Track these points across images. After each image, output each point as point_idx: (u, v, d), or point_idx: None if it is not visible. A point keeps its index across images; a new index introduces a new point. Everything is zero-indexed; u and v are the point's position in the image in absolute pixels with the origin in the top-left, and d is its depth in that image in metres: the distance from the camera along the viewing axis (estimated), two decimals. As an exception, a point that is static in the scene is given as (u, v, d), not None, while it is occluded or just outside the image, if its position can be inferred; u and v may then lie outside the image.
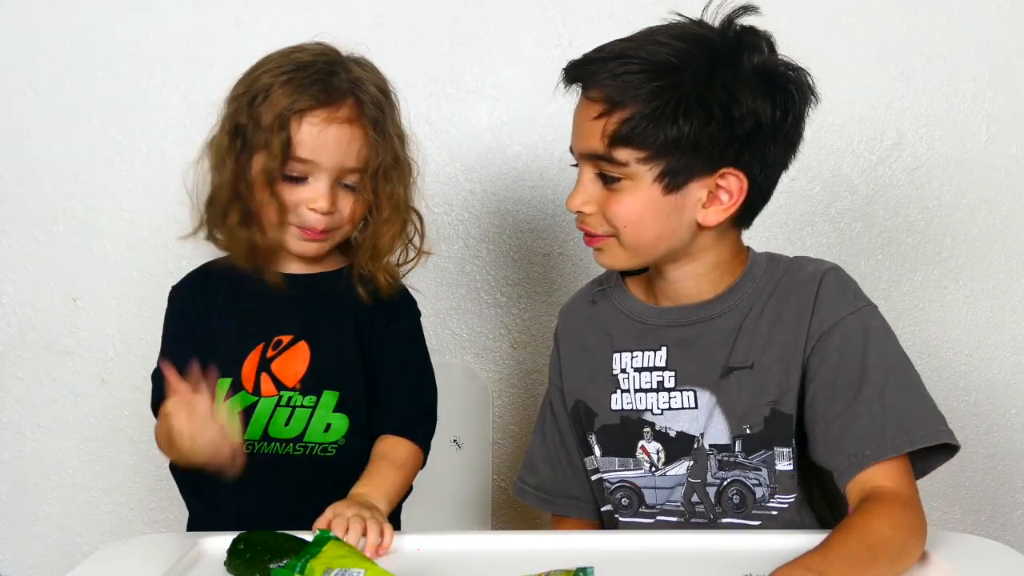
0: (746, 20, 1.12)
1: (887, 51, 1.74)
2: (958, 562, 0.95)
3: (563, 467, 1.27)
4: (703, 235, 1.15)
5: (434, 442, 1.33)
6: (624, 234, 1.12)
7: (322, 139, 1.20)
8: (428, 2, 1.73)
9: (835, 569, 0.90)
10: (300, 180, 1.21)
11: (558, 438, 1.28)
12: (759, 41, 1.11)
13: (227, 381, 1.24)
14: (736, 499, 1.14)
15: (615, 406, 1.21)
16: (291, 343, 1.26)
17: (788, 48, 1.14)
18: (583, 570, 0.85)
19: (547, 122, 1.75)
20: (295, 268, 1.30)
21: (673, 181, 1.09)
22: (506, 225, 1.78)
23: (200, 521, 1.33)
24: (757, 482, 1.14)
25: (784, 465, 1.13)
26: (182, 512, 1.51)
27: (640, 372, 1.19)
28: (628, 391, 1.20)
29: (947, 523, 1.81)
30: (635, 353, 1.20)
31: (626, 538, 1.10)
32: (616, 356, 1.21)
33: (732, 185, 1.11)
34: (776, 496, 1.14)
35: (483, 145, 1.76)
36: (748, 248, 1.21)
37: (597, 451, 1.23)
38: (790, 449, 1.12)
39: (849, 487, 1.05)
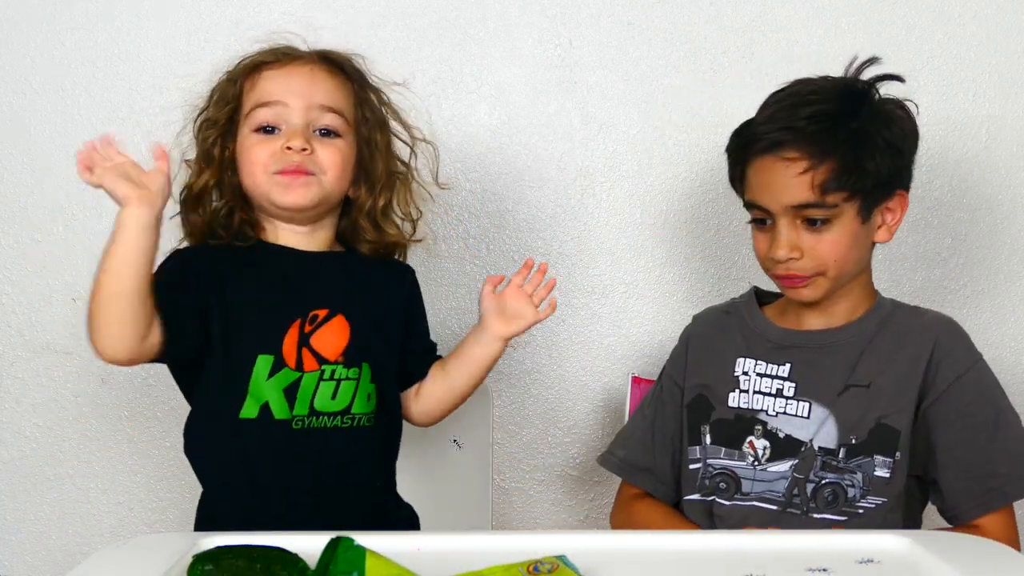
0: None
1: (887, 51, 1.74)
2: (958, 562, 0.95)
3: (654, 449, 1.41)
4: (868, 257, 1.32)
5: (434, 442, 1.34)
6: (832, 269, 1.26)
7: (283, 81, 1.24)
8: (428, 2, 1.73)
9: None
10: (271, 131, 1.23)
11: (659, 425, 1.42)
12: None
13: (269, 359, 1.22)
14: (830, 497, 1.27)
15: (732, 403, 1.34)
16: (328, 317, 1.25)
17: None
18: (561, 557, 0.91)
19: (547, 122, 1.75)
20: (294, 242, 1.28)
21: (867, 212, 1.26)
22: (506, 225, 1.78)
23: (242, 513, 1.24)
24: (851, 483, 1.26)
25: (882, 472, 1.25)
26: (182, 512, 1.51)
27: (761, 377, 1.32)
28: (747, 391, 1.33)
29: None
30: (759, 362, 1.34)
31: (627, 538, 1.10)
32: (740, 360, 1.35)
33: (897, 203, 1.29)
34: (867, 497, 1.26)
35: (483, 145, 1.76)
36: (878, 292, 1.36)
37: (708, 439, 1.34)
38: (892, 460, 1.25)
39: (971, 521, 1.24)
